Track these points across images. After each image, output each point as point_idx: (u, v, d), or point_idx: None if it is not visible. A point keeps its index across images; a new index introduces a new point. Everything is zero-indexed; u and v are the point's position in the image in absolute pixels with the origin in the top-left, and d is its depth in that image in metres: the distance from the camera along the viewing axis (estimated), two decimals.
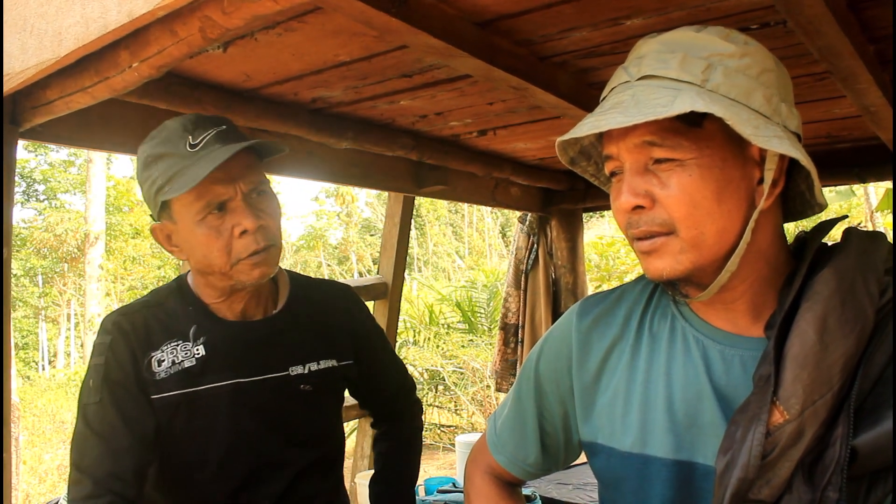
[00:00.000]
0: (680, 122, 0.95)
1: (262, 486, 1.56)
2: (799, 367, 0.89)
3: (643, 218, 0.99)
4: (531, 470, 1.32)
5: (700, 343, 1.06)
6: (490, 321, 10.11)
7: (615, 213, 1.04)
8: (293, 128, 2.37)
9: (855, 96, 2.03)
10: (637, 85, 0.99)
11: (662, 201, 0.97)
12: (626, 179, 1.00)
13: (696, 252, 0.97)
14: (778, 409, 0.89)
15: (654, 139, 0.96)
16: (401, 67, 2.05)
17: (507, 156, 3.54)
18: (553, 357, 1.25)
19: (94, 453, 1.43)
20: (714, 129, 0.96)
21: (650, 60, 1.01)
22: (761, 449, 0.88)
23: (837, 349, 0.89)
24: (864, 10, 1.70)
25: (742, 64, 0.98)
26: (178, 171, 1.40)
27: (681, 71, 0.97)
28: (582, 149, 1.16)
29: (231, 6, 1.21)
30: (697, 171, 0.95)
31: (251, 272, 1.46)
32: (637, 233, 1.00)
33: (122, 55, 1.44)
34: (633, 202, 0.98)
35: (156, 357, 1.49)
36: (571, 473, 3.24)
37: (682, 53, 0.98)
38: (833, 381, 0.88)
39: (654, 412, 1.07)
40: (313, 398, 1.62)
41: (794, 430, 0.88)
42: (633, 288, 1.22)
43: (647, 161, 0.98)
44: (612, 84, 1.06)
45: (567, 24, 1.74)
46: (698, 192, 0.95)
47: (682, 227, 0.96)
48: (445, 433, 9.46)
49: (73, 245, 21.97)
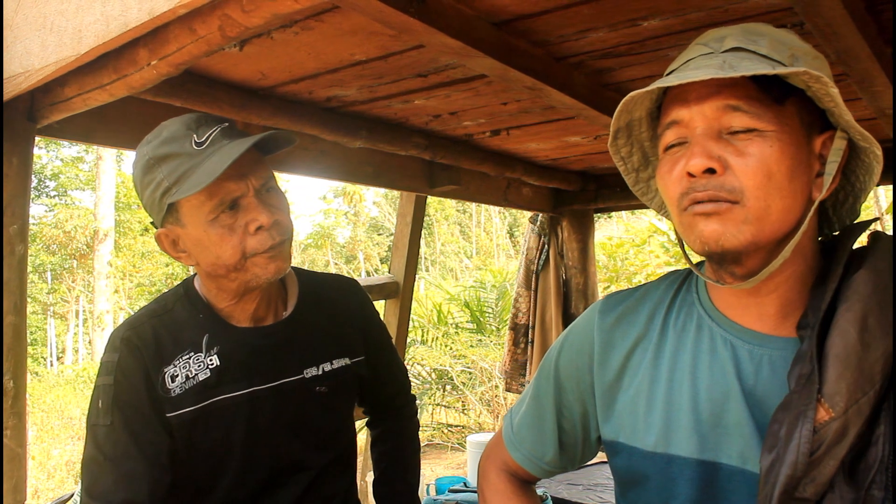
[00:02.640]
0: (765, 95, 0.95)
1: (281, 489, 1.55)
2: (842, 365, 0.88)
3: (711, 182, 0.95)
4: (548, 468, 1.32)
5: (728, 342, 1.05)
6: (498, 321, 10.10)
7: (673, 181, 1.01)
8: (307, 126, 2.37)
9: (871, 99, 2.02)
10: (725, 55, 0.98)
11: (736, 168, 0.94)
12: (698, 142, 0.97)
13: (758, 225, 0.95)
14: (823, 406, 0.88)
15: (741, 104, 0.95)
16: (416, 67, 2.05)
17: (519, 156, 3.54)
18: (574, 354, 1.25)
19: (107, 479, 1.39)
20: (793, 111, 0.97)
21: (737, 37, 1.00)
22: (809, 446, 0.87)
23: (878, 348, 0.89)
24: (882, 12, 1.70)
25: (817, 64, 1.00)
26: (187, 171, 1.35)
27: (771, 50, 0.96)
28: (629, 122, 1.13)
29: (251, 5, 1.22)
30: (777, 144, 0.94)
31: (267, 266, 1.43)
32: (701, 195, 0.96)
33: (141, 53, 1.44)
34: (707, 163, 0.95)
35: (169, 373, 1.45)
36: (582, 474, 3.24)
37: (769, 38, 0.98)
38: (875, 380, 0.88)
39: (678, 411, 1.06)
40: (328, 399, 1.61)
41: (839, 428, 0.87)
42: (656, 287, 1.22)
43: (722, 129, 0.97)
44: (689, 55, 1.03)
45: (584, 24, 1.74)
46: (775, 164, 0.94)
47: (752, 196, 0.94)
48: (453, 433, 9.45)
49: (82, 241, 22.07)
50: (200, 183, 1.31)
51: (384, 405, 1.91)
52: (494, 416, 9.28)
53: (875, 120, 2.68)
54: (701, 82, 0.97)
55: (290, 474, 1.56)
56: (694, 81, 0.97)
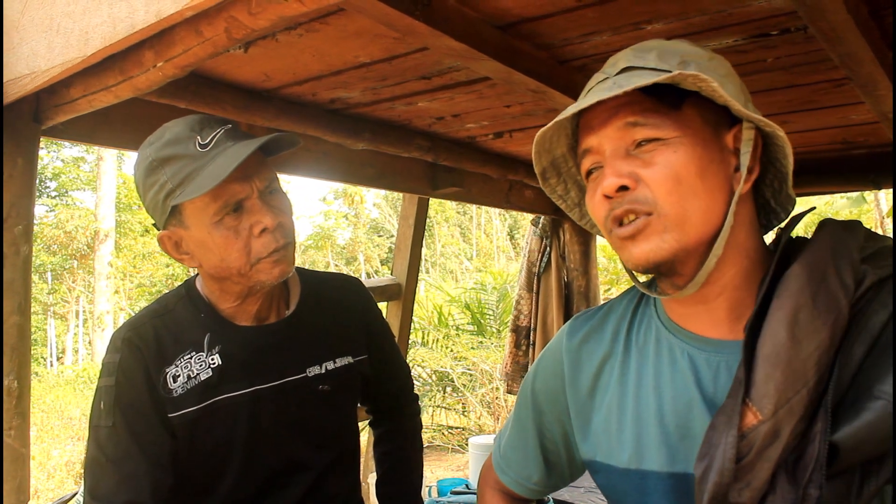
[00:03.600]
0: (661, 104, 0.97)
1: (283, 489, 1.55)
2: (771, 365, 0.88)
3: (626, 198, 0.98)
4: (537, 488, 1.32)
5: (685, 352, 1.05)
6: (499, 323, 10.09)
7: (596, 206, 1.03)
8: (310, 128, 2.38)
9: (874, 103, 2.03)
10: (616, 77, 1.02)
11: (646, 179, 0.97)
12: (608, 163, 1.00)
13: (680, 230, 0.96)
14: (751, 410, 0.88)
15: (638, 119, 0.98)
16: (420, 69, 2.06)
17: (522, 158, 3.55)
18: (548, 377, 1.26)
19: (109, 481, 1.39)
20: (692, 113, 0.99)
21: (627, 58, 1.04)
22: (734, 452, 0.87)
23: (811, 344, 0.88)
24: (886, 17, 1.70)
25: (711, 64, 1.02)
26: (191, 173, 1.34)
27: (659, 62, 1.00)
28: (553, 161, 1.16)
29: (258, 7, 1.22)
30: (682, 149, 0.97)
31: (272, 271, 1.42)
32: (619, 212, 0.99)
33: (147, 55, 1.45)
34: (618, 182, 0.97)
35: (170, 373, 1.45)
36: (583, 476, 3.23)
37: (656, 51, 1.02)
38: (808, 377, 0.87)
39: (646, 426, 1.06)
40: (331, 397, 1.60)
41: (769, 430, 0.87)
42: (619, 302, 1.22)
43: (629, 146, 0.99)
44: (589, 85, 1.08)
45: (588, 28, 1.75)
46: (683, 168, 0.96)
47: (665, 203, 0.96)
48: (454, 435, 9.46)
49: (82, 242, 22.06)
50: (205, 185, 1.30)
51: (387, 404, 1.91)
52: (495, 418, 9.28)
53: (877, 124, 2.68)
54: (600, 107, 1.02)
55: (292, 474, 1.56)
56: (595, 108, 1.02)
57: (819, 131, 2.95)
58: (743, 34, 1.79)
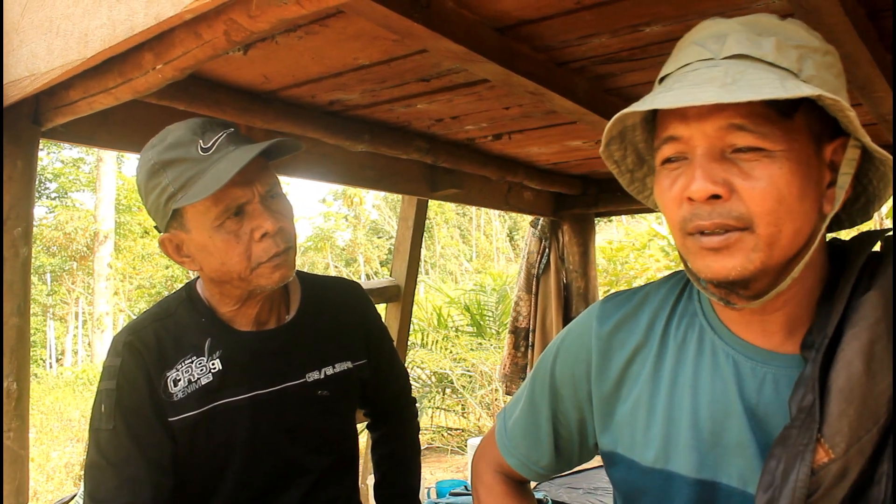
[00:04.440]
0: (773, 110, 0.86)
1: (283, 493, 1.55)
2: (845, 401, 0.82)
3: (717, 209, 0.88)
4: (543, 471, 1.28)
5: (730, 358, 1.00)
6: (498, 325, 10.10)
7: (671, 201, 0.93)
8: (310, 130, 2.38)
9: (872, 105, 2.03)
10: (726, 63, 0.89)
11: (744, 193, 0.87)
12: (700, 165, 0.88)
13: (768, 251, 0.88)
14: (823, 447, 0.82)
15: (746, 123, 0.86)
16: (419, 71, 2.06)
17: (521, 160, 3.55)
18: (571, 361, 1.19)
19: (110, 485, 1.39)
20: (802, 124, 0.89)
21: (738, 39, 0.91)
22: (806, 490, 0.82)
23: (885, 379, 0.83)
24: (883, 19, 1.70)
25: (826, 61, 0.92)
26: (193, 176, 1.34)
27: (778, 55, 0.88)
28: (622, 130, 1.04)
29: (257, 10, 1.22)
30: (787, 165, 0.86)
31: (272, 275, 1.42)
32: (707, 225, 0.88)
33: (147, 57, 1.45)
34: (712, 190, 0.87)
35: (171, 377, 1.45)
36: (582, 478, 3.24)
37: (775, 38, 0.90)
38: (879, 414, 0.82)
39: (678, 427, 1.02)
40: (331, 402, 1.60)
41: (838, 470, 0.82)
42: (657, 290, 1.16)
43: (725, 148, 0.88)
44: (687, 59, 0.94)
45: (586, 30, 1.75)
46: (786, 186, 0.86)
47: (763, 222, 0.87)
48: (453, 436, 9.45)
49: (82, 243, 22.08)
50: (207, 189, 1.30)
51: (385, 407, 1.90)
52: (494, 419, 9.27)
53: (876, 125, 2.68)
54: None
55: (291, 478, 1.56)
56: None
57: None
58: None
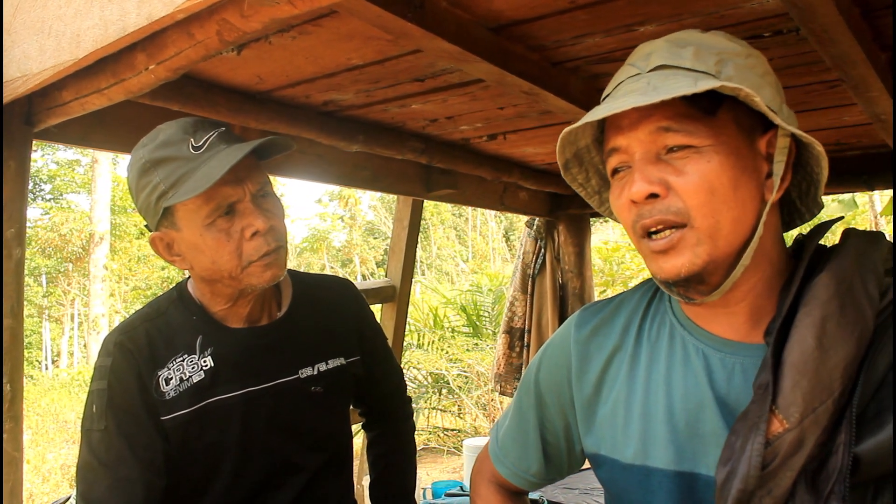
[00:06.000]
0: (695, 110, 0.94)
1: (276, 491, 1.55)
2: (798, 373, 0.87)
3: (656, 207, 0.96)
4: (534, 480, 1.31)
5: (700, 351, 1.04)
6: (494, 325, 10.09)
7: (621, 208, 1.01)
8: (304, 130, 2.37)
9: (866, 104, 2.03)
10: (650, 75, 0.98)
11: (678, 188, 0.94)
12: (637, 168, 0.97)
13: (711, 243, 0.94)
14: (777, 417, 0.87)
15: (671, 124, 0.94)
16: (413, 71, 2.06)
17: (516, 160, 3.55)
18: (553, 368, 1.24)
19: (102, 485, 1.39)
20: (727, 119, 0.95)
21: (661, 54, 1.00)
22: (761, 459, 0.86)
23: (837, 354, 0.87)
24: (878, 18, 1.70)
25: (748, 63, 0.98)
26: (184, 175, 1.35)
27: (695, 61, 0.96)
28: (577, 152, 1.14)
29: (250, 10, 1.22)
30: (715, 158, 0.93)
31: (262, 274, 1.43)
32: (649, 223, 0.96)
33: (139, 57, 1.45)
34: (648, 189, 0.95)
35: (163, 376, 1.45)
36: (578, 478, 3.24)
37: (693, 47, 0.98)
38: (833, 387, 0.87)
39: (654, 423, 1.05)
40: (324, 399, 1.61)
41: (794, 439, 0.86)
42: (632, 295, 1.21)
43: (660, 150, 0.96)
44: (619, 79, 1.05)
45: (581, 30, 1.75)
46: (716, 178, 0.93)
47: (699, 215, 0.93)
48: (449, 437, 9.46)
49: (77, 245, 22.02)
50: (198, 187, 1.31)
51: (380, 407, 1.91)
52: (490, 419, 9.29)
53: (870, 125, 2.69)
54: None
55: (285, 476, 1.56)
56: None
57: (812, 133, 2.94)
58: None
